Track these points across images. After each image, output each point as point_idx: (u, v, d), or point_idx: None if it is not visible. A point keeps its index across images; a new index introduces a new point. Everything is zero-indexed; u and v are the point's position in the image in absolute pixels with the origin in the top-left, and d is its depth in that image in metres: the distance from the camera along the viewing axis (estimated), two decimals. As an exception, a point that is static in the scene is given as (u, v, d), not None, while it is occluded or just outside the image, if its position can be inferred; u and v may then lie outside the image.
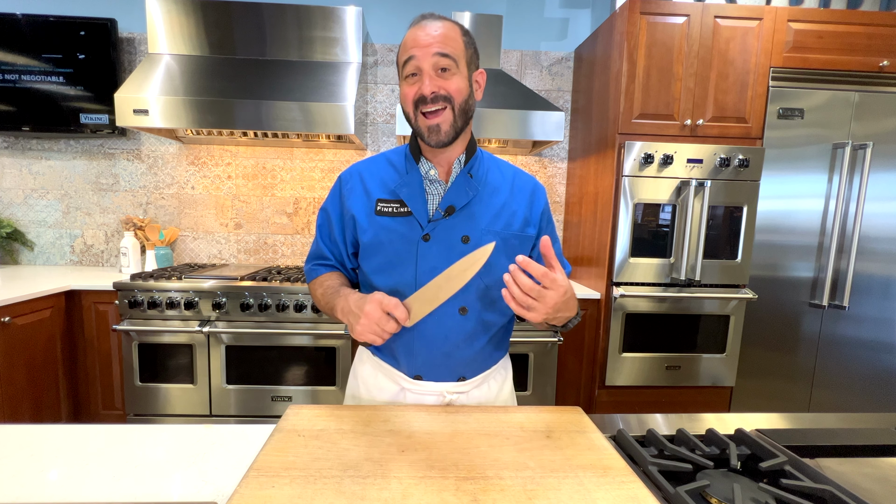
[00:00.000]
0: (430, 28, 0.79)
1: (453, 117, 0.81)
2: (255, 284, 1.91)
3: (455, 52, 0.79)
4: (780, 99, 1.97)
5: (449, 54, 0.78)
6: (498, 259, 0.87)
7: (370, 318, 0.72)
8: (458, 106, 0.81)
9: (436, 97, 0.79)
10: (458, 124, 0.83)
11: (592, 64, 2.25)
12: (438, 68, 0.79)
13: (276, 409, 1.95)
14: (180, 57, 2.14)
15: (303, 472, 0.59)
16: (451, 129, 0.82)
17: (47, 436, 0.71)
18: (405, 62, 0.80)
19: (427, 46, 0.78)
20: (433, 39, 0.78)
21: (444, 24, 0.80)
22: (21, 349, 1.75)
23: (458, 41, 0.80)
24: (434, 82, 0.79)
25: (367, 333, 0.73)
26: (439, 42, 0.78)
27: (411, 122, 0.84)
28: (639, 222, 1.96)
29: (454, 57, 0.79)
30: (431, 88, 0.79)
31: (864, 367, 2.14)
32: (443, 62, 0.78)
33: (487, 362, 0.94)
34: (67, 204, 2.45)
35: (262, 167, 2.49)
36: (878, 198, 2.04)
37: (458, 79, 0.80)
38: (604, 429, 0.77)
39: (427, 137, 0.83)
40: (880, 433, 0.81)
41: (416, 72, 0.80)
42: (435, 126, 0.81)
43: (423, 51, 0.78)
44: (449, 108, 0.81)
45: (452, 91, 0.80)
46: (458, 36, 0.81)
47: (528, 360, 2.02)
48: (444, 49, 0.78)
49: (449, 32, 0.79)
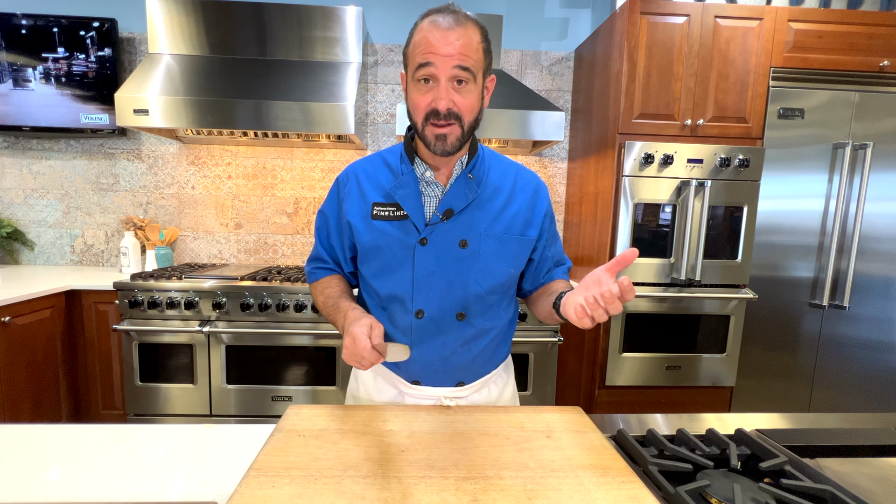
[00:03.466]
0: (453, 34, 0.73)
1: (462, 132, 0.79)
2: (255, 284, 1.91)
3: (475, 65, 0.76)
4: (780, 99, 1.97)
5: (469, 67, 0.75)
6: (496, 263, 0.86)
7: (347, 350, 0.74)
8: (467, 124, 0.79)
9: (449, 114, 0.76)
10: (465, 138, 0.81)
11: (592, 64, 2.25)
12: (455, 80, 0.75)
13: (276, 409, 1.95)
14: (180, 57, 2.14)
15: (303, 472, 0.59)
16: (458, 141, 0.80)
17: (47, 436, 0.71)
18: (420, 66, 0.75)
19: (447, 57, 0.73)
20: (454, 50, 0.73)
21: (465, 29, 0.75)
22: (21, 349, 1.75)
23: (479, 51, 0.76)
24: (449, 97, 0.76)
25: (349, 360, 0.74)
26: (460, 53, 0.74)
27: (418, 130, 0.81)
28: (639, 222, 1.96)
29: (473, 70, 0.76)
30: (447, 105, 0.76)
31: (864, 367, 2.14)
32: (461, 75, 0.75)
33: (486, 367, 0.93)
34: (68, 204, 2.45)
35: (262, 167, 2.49)
36: (878, 198, 2.03)
37: (472, 95, 0.78)
38: (604, 429, 0.77)
39: (433, 146, 0.79)
40: (880, 433, 0.81)
41: (430, 79, 0.76)
42: (443, 136, 0.78)
43: (443, 60, 0.73)
44: (458, 125, 0.78)
45: (464, 110, 0.77)
46: (478, 44, 0.76)
47: (528, 360, 2.02)
48: (465, 62, 0.74)
49: (471, 42, 0.75)
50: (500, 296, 0.90)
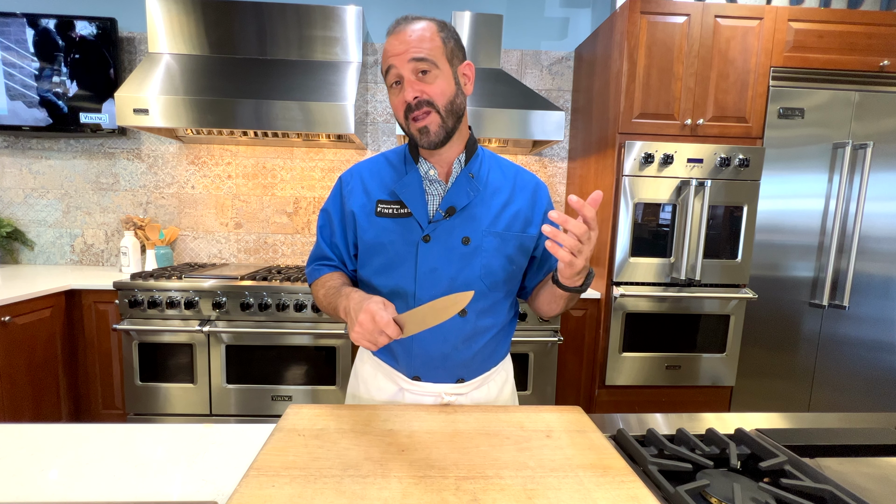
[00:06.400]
0: (405, 33, 0.78)
1: (441, 119, 0.81)
2: (255, 284, 1.91)
3: (432, 53, 0.78)
4: (780, 98, 1.97)
5: (425, 57, 0.78)
6: (498, 260, 0.88)
7: (363, 327, 0.70)
8: (442, 108, 0.81)
9: (419, 102, 0.79)
10: (447, 125, 0.82)
11: (593, 63, 2.25)
12: (418, 72, 0.79)
13: (276, 409, 1.95)
14: (180, 56, 2.13)
15: (303, 472, 0.59)
16: (441, 129, 0.82)
17: (47, 435, 0.71)
18: (387, 72, 0.81)
19: (402, 53, 0.78)
20: (408, 45, 0.77)
21: (419, 25, 0.79)
22: (21, 349, 1.75)
23: (433, 40, 0.79)
24: (415, 87, 0.79)
25: (361, 340, 0.71)
26: (414, 47, 0.77)
27: (405, 129, 0.85)
28: (639, 222, 1.96)
29: (431, 59, 0.78)
30: (413, 94, 0.79)
31: (864, 367, 2.14)
32: (421, 66, 0.78)
33: (486, 364, 0.93)
34: (67, 203, 2.45)
35: (262, 167, 2.49)
36: (878, 198, 2.03)
37: (440, 80, 0.80)
38: (604, 428, 0.77)
39: (419, 140, 0.83)
40: (880, 433, 0.81)
41: (398, 80, 0.80)
42: (423, 128, 0.81)
43: (400, 58, 0.78)
44: (433, 111, 0.80)
45: (434, 95, 0.80)
46: (433, 35, 0.79)
47: (528, 360, 2.02)
48: (420, 52, 0.78)
49: (424, 33, 0.78)
50: (501, 293, 0.91)
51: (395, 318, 0.69)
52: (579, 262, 0.71)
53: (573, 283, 0.78)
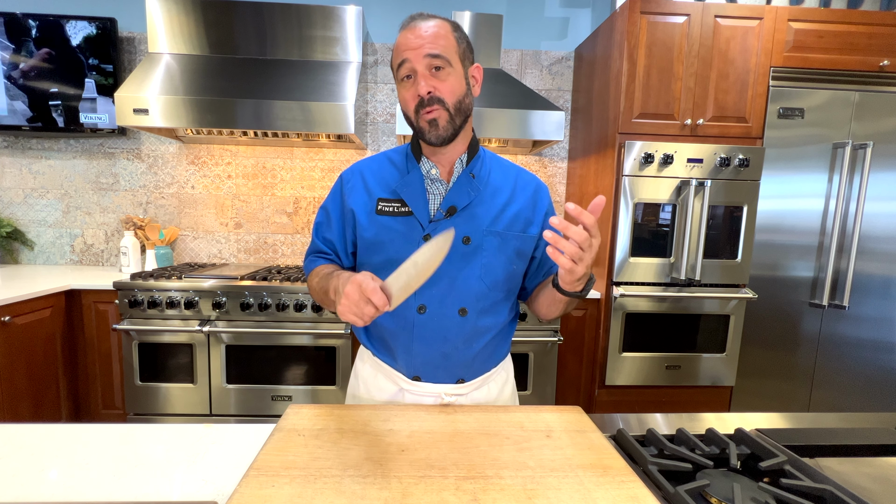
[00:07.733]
0: (421, 29, 0.79)
1: (449, 116, 0.82)
2: (255, 284, 1.91)
3: (447, 51, 0.80)
4: (780, 98, 1.97)
5: (440, 54, 0.79)
6: (498, 260, 0.88)
7: (350, 298, 0.67)
8: (452, 106, 0.81)
9: (431, 98, 0.80)
10: (455, 122, 0.83)
11: (592, 63, 2.25)
12: (432, 68, 0.80)
13: (276, 409, 1.95)
14: (180, 56, 2.13)
15: (303, 472, 0.59)
16: (449, 125, 0.82)
17: (47, 435, 0.71)
18: (399, 65, 0.81)
19: (418, 48, 0.79)
20: (424, 40, 0.79)
21: (434, 23, 0.81)
22: (21, 349, 1.75)
23: (448, 38, 0.81)
24: (429, 82, 0.80)
25: (347, 314, 0.68)
26: (430, 42, 0.79)
27: (412, 123, 0.85)
28: (639, 222, 1.96)
29: (446, 56, 0.80)
30: (427, 89, 0.80)
31: (864, 367, 2.14)
32: (436, 62, 0.79)
33: (486, 365, 0.93)
34: (67, 203, 2.45)
35: (262, 167, 2.49)
36: (878, 198, 2.03)
37: (452, 79, 0.81)
38: (604, 428, 0.77)
39: (427, 133, 0.83)
40: (880, 433, 0.81)
41: (410, 74, 0.81)
42: (433, 120, 0.81)
43: (415, 53, 0.79)
44: (443, 108, 0.81)
45: (445, 93, 0.80)
46: (448, 33, 0.81)
47: (528, 360, 2.02)
48: (436, 49, 0.79)
49: (439, 31, 0.80)
50: (502, 293, 0.91)
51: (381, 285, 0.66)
52: (580, 269, 0.70)
53: (573, 289, 0.77)
